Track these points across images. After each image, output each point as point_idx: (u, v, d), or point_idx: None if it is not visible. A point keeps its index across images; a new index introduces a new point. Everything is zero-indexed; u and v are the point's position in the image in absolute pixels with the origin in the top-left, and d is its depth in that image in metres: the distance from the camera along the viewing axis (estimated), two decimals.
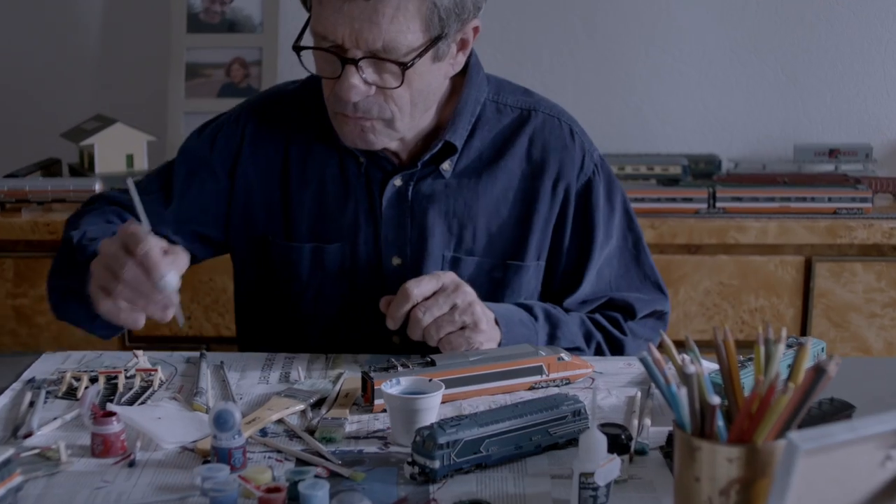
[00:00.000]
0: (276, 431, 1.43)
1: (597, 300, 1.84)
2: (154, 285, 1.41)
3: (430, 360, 1.53)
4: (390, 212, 1.75)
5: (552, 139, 1.79)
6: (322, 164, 1.77)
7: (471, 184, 1.76)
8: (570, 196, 1.79)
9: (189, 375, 1.65)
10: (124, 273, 1.41)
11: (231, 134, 1.81)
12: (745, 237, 2.60)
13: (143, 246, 1.40)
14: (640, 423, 1.44)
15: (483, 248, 1.77)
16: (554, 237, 1.80)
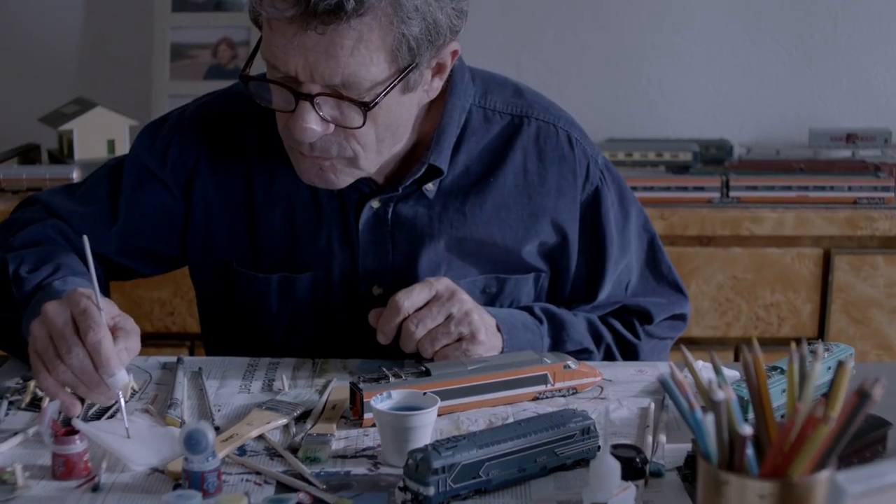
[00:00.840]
0: (255, 450, 1.32)
1: (608, 306, 1.73)
2: (101, 378, 1.29)
3: (425, 370, 1.42)
4: (368, 237, 1.60)
5: (548, 149, 1.63)
6: (290, 183, 1.59)
7: (457, 203, 1.61)
8: (574, 210, 1.65)
9: (164, 384, 1.55)
10: (71, 359, 1.28)
11: (185, 147, 1.64)
12: (761, 228, 2.51)
13: (95, 334, 1.28)
14: (655, 441, 1.33)
15: (478, 265, 1.63)
16: (559, 254, 1.67)
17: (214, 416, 1.42)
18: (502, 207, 1.61)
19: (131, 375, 1.48)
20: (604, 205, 1.66)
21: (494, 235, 1.61)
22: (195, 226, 1.65)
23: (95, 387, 1.29)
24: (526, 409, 1.44)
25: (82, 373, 1.28)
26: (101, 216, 1.65)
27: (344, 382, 1.51)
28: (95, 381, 1.29)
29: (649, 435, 1.35)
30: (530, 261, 1.64)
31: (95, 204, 1.66)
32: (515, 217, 1.62)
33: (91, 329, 1.28)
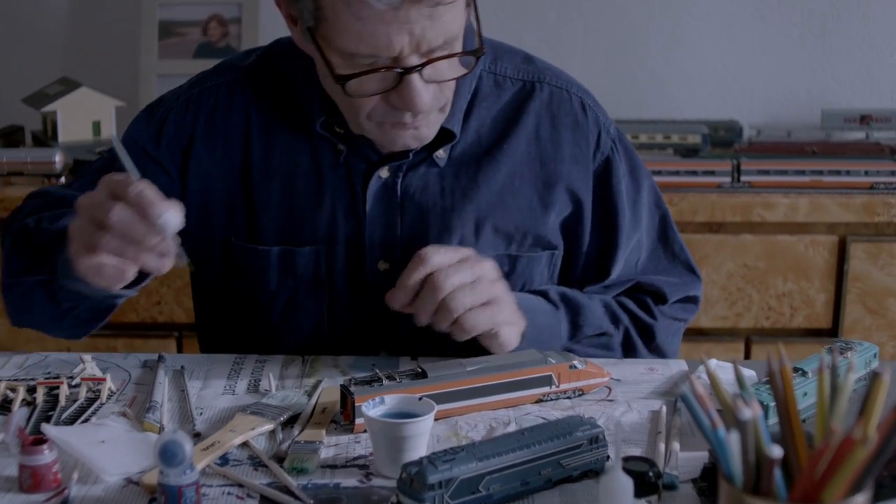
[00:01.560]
0: (238, 458, 1.24)
1: (622, 284, 1.66)
2: (151, 227, 1.23)
3: (421, 371, 1.34)
4: (376, 209, 1.54)
5: (561, 115, 1.59)
6: (290, 153, 1.55)
7: (470, 172, 1.56)
8: (587, 180, 1.60)
9: (144, 384, 1.47)
10: (111, 217, 1.23)
11: (180, 125, 1.58)
12: (773, 214, 2.43)
13: (134, 186, 1.24)
14: (668, 449, 1.25)
15: (488, 243, 1.56)
16: (571, 226, 1.61)
17: (196, 421, 1.34)
18: (515, 176, 1.56)
19: (104, 373, 1.40)
20: (615, 175, 1.60)
21: (508, 205, 1.56)
22: (192, 204, 1.57)
23: (145, 238, 1.24)
24: (529, 413, 1.36)
25: (128, 227, 1.23)
26: None
27: (335, 382, 1.44)
28: (143, 231, 1.24)
29: (661, 442, 1.27)
30: (544, 234, 1.58)
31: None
32: (529, 185, 1.57)
33: (128, 184, 1.24)
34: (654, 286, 1.66)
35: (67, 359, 1.54)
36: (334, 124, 1.52)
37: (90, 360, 1.50)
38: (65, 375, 1.46)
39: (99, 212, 1.25)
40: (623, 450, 1.26)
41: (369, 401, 1.23)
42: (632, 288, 1.66)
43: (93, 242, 1.25)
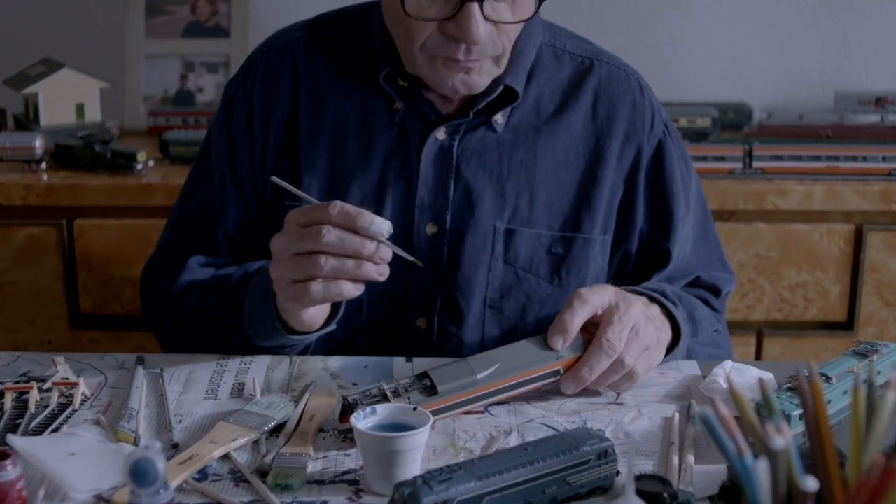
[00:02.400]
0: (218, 472, 1.16)
1: (683, 278, 1.62)
2: (363, 237, 1.25)
3: (430, 385, 1.25)
4: (430, 170, 1.53)
5: (620, 93, 1.59)
6: (339, 113, 1.56)
7: (528, 141, 1.55)
8: (640, 160, 1.58)
9: (120, 387, 1.39)
10: (323, 240, 1.24)
11: (241, 101, 1.60)
12: (787, 202, 2.35)
13: (332, 206, 1.25)
14: (682, 462, 1.17)
15: (542, 218, 1.55)
16: (624, 209, 1.59)
17: (174, 430, 1.26)
18: (570, 151, 1.56)
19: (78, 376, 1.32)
20: (668, 158, 1.60)
21: (562, 180, 1.56)
22: (254, 167, 1.59)
23: (362, 249, 1.25)
24: (532, 420, 1.29)
25: (343, 243, 1.24)
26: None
27: (323, 386, 1.37)
28: (357, 242, 1.25)
29: (675, 455, 1.19)
30: (596, 215, 1.56)
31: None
32: (582, 161, 1.56)
33: (323, 206, 1.25)
34: (711, 280, 1.64)
35: (40, 359, 1.47)
36: (398, 76, 1.51)
37: (63, 363, 1.42)
38: (35, 380, 1.38)
39: (305, 242, 1.25)
40: (634, 462, 1.18)
41: (359, 411, 1.15)
42: (689, 283, 1.63)
43: (309, 272, 1.25)
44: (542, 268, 1.56)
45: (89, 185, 2.31)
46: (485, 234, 1.53)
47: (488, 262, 1.54)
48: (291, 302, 1.31)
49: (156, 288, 1.63)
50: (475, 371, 1.27)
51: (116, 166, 2.36)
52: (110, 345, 2.38)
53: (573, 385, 1.33)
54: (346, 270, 1.25)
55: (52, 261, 2.34)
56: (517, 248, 1.54)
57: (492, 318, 1.54)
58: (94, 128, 2.63)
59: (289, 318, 1.37)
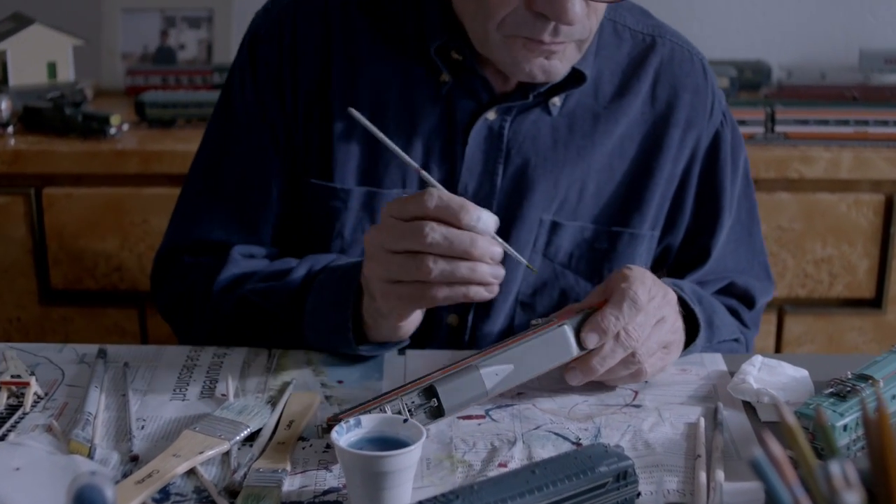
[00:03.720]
0: (182, 492, 1.04)
1: (715, 282, 1.51)
2: (473, 235, 1.12)
3: (438, 405, 1.12)
4: (477, 155, 1.41)
5: (682, 76, 1.46)
6: (378, 82, 1.41)
7: (585, 127, 1.43)
8: (698, 151, 1.47)
9: (78, 385, 1.26)
10: (428, 239, 1.11)
11: (269, 56, 1.43)
12: (812, 170, 2.24)
13: (430, 196, 1.12)
14: (710, 480, 1.04)
15: (588, 211, 1.45)
16: (674, 202, 1.48)
17: (134, 439, 1.13)
18: (626, 138, 1.45)
19: (31, 373, 1.19)
20: (723, 150, 1.49)
21: (614, 169, 1.45)
22: (289, 130, 1.45)
23: (472, 248, 1.13)
24: (539, 428, 1.16)
25: (450, 243, 1.12)
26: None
27: (305, 385, 1.25)
28: (467, 241, 1.12)
29: (702, 470, 1.06)
30: (647, 209, 1.46)
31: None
32: (637, 149, 1.45)
33: (421, 197, 1.13)
34: (746, 288, 1.52)
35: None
36: (452, 49, 1.38)
37: (14, 358, 1.29)
38: None
39: (406, 240, 1.13)
40: (654, 477, 1.05)
41: (342, 423, 1.02)
42: (723, 289, 1.52)
43: (414, 275, 1.14)
44: (583, 264, 1.45)
45: (59, 150, 2.20)
46: (529, 228, 1.42)
47: (527, 257, 1.42)
48: (397, 302, 1.18)
49: (184, 279, 1.46)
50: (485, 382, 1.14)
51: (88, 130, 2.24)
52: (83, 322, 2.27)
53: (581, 377, 1.20)
54: (459, 275, 1.13)
55: (19, 233, 2.22)
56: (559, 243, 1.44)
57: (521, 314, 1.41)
58: (67, 88, 2.50)
59: (381, 322, 1.23)
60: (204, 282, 1.42)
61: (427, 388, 1.11)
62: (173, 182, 2.14)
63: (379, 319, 1.23)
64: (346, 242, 1.43)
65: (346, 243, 1.43)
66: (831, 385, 1.12)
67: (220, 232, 1.45)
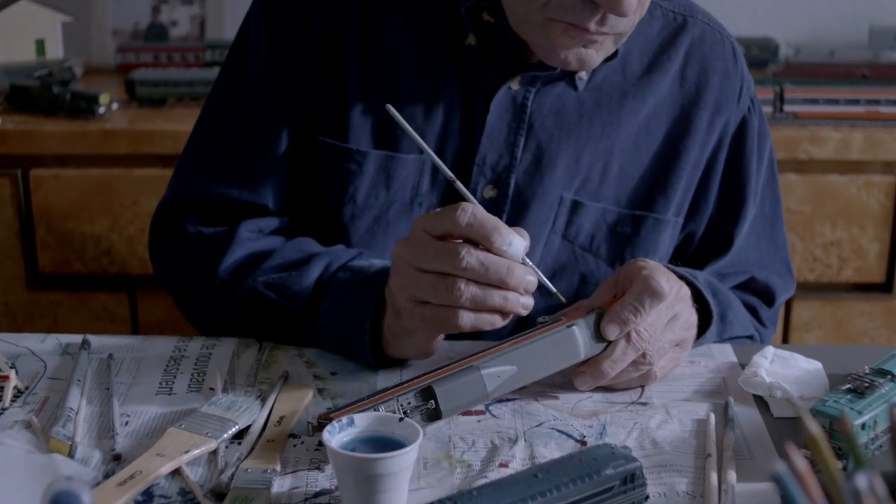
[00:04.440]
0: (166, 494, 1.00)
1: (736, 275, 1.46)
2: (509, 262, 1.09)
3: (435, 408, 1.07)
4: (498, 125, 1.36)
5: (713, 58, 1.43)
6: (398, 41, 1.36)
7: (612, 104, 1.39)
8: (725, 137, 1.44)
9: (61, 378, 1.22)
10: (462, 263, 1.07)
11: (285, 6, 1.37)
12: (822, 151, 2.20)
13: (464, 212, 1.08)
14: (722, 482, 1.00)
15: (611, 192, 1.41)
16: (699, 188, 1.45)
17: (117, 436, 1.09)
18: (653, 118, 1.41)
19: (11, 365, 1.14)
20: (749, 137, 1.45)
21: (640, 150, 1.41)
22: (302, 89, 1.39)
23: (508, 278, 1.09)
24: (541, 425, 1.11)
25: (486, 270, 1.08)
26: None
27: (297, 377, 1.21)
28: (503, 271, 1.09)
29: (713, 470, 1.02)
30: (672, 192, 1.42)
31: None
32: (664, 131, 1.42)
33: (454, 213, 1.09)
34: (767, 284, 1.48)
35: None
36: (484, 10, 1.33)
37: None
38: None
39: (439, 261, 1.09)
40: (662, 479, 1.01)
41: (334, 423, 0.97)
42: (743, 285, 1.47)
43: (445, 298, 1.09)
44: (604, 248, 1.41)
45: (46, 130, 2.15)
46: (548, 206, 1.38)
47: (545, 237, 1.38)
48: (421, 324, 1.13)
49: (185, 252, 1.40)
50: (487, 384, 1.09)
51: (77, 110, 2.19)
52: (72, 307, 2.23)
53: (591, 381, 1.15)
54: (490, 303, 1.09)
55: (6, 215, 2.18)
56: (580, 224, 1.40)
57: (539, 298, 1.36)
58: (55, 66, 2.45)
59: (405, 340, 1.19)
60: (207, 262, 1.36)
61: (425, 388, 1.07)
62: (164, 163, 2.09)
63: (403, 337, 1.18)
64: (359, 208, 1.38)
65: (357, 209, 1.38)
66: (848, 381, 1.08)
67: (224, 188, 1.39)
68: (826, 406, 1.03)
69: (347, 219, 1.39)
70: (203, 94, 2.16)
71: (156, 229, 1.46)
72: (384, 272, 1.21)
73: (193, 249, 1.39)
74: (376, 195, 1.38)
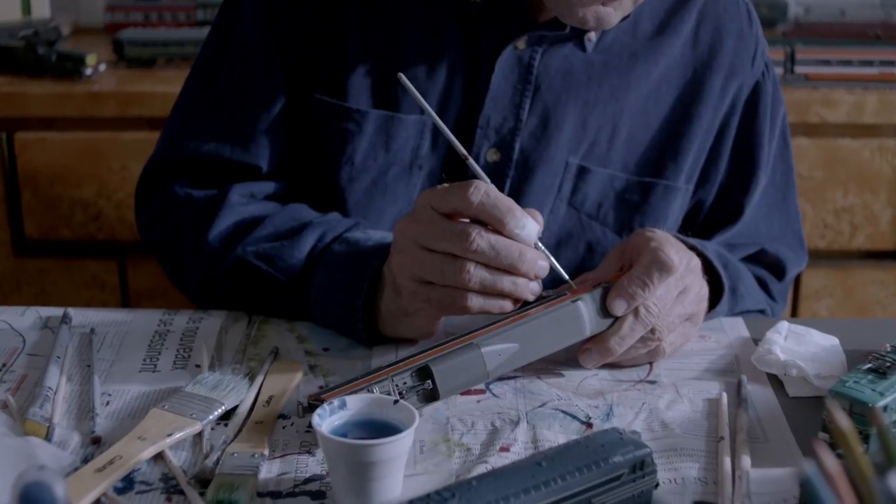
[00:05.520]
0: (148, 480, 0.95)
1: (746, 246, 1.41)
2: (521, 246, 1.05)
3: (433, 388, 1.02)
4: (503, 86, 1.31)
5: (727, 20, 1.37)
6: (398, 2, 1.31)
7: (622, 66, 1.33)
8: (738, 101, 1.39)
9: (40, 354, 1.17)
10: (472, 245, 1.03)
11: None
12: (834, 114, 2.15)
13: (476, 190, 1.04)
14: (736, 468, 0.95)
15: (619, 158, 1.36)
16: (710, 155, 1.40)
17: (97, 417, 1.04)
18: (664, 81, 1.36)
19: None
20: (763, 102, 1.40)
21: (649, 114, 1.37)
22: (298, 45, 1.34)
23: (519, 264, 1.05)
24: (544, 405, 1.06)
25: (497, 254, 1.04)
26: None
27: (287, 353, 1.16)
28: (517, 254, 1.05)
29: (726, 455, 0.97)
30: (683, 158, 1.37)
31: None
32: (674, 95, 1.37)
33: (465, 190, 1.04)
34: (777, 256, 1.43)
35: None
36: None
37: None
38: None
39: (447, 241, 1.04)
40: (674, 465, 0.96)
41: (325, 405, 0.92)
42: (753, 256, 1.42)
43: (452, 279, 1.05)
44: (611, 216, 1.36)
45: (32, 92, 2.11)
46: (553, 171, 1.33)
47: (551, 204, 1.34)
48: (424, 305, 1.09)
49: (172, 214, 1.35)
50: (487, 363, 1.04)
51: (62, 71, 2.14)
52: (60, 275, 2.18)
53: (597, 358, 1.10)
54: (499, 287, 1.05)
55: None
56: (586, 190, 1.35)
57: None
58: (41, 26, 2.38)
59: (403, 321, 1.14)
60: (195, 227, 1.31)
61: (421, 367, 1.02)
62: (153, 126, 2.04)
63: (402, 318, 1.14)
64: (356, 170, 1.33)
65: (355, 171, 1.33)
66: (869, 360, 1.02)
67: (214, 146, 1.34)
68: (846, 387, 0.98)
69: (344, 181, 1.34)
70: (194, 54, 2.09)
71: (142, 189, 1.41)
72: (382, 246, 1.16)
73: (181, 212, 1.34)
74: (375, 157, 1.33)
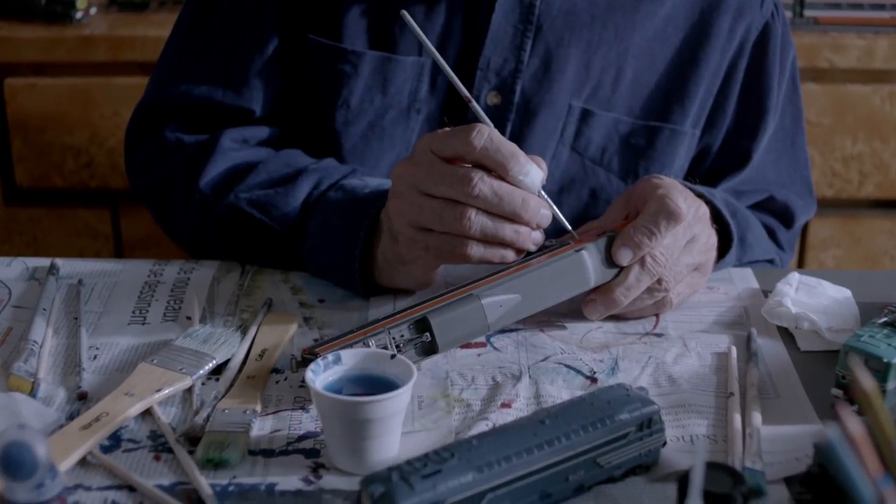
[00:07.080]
0: (135, 438, 0.92)
1: (753, 193, 1.37)
2: (523, 192, 1.01)
3: (431, 341, 0.98)
4: (503, 26, 1.27)
5: None
6: None
7: (626, 6, 1.29)
8: (746, 44, 1.34)
9: (26, 307, 1.13)
10: (474, 190, 0.99)
11: None
12: (844, 59, 2.09)
13: (479, 134, 1.00)
14: (746, 429, 0.91)
15: (624, 101, 1.32)
16: (717, 99, 1.36)
17: (84, 373, 1.00)
18: (670, 22, 1.32)
19: None
20: (772, 45, 1.35)
21: (655, 56, 1.32)
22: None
23: (521, 211, 1.01)
24: (547, 359, 1.03)
25: (500, 201, 1.00)
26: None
27: (282, 304, 1.12)
28: (520, 201, 1.01)
29: (736, 412, 0.94)
30: (690, 102, 1.33)
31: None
32: (681, 36, 1.33)
33: (467, 134, 1.01)
34: (786, 203, 1.39)
35: None
36: None
37: None
38: None
39: (447, 185, 1.01)
40: (682, 422, 0.93)
41: (319, 360, 0.89)
42: (758, 204, 1.38)
43: (451, 226, 1.01)
44: (616, 161, 1.32)
45: (21, 37, 2.04)
46: (556, 115, 1.29)
47: (553, 149, 1.30)
48: (422, 253, 1.05)
49: (163, 159, 1.31)
50: (487, 314, 1.00)
51: (52, 14, 2.08)
52: (52, 223, 2.14)
53: (602, 309, 1.07)
54: (501, 236, 1.02)
55: None
56: (590, 134, 1.31)
57: None
58: None
59: (399, 269, 1.10)
60: (186, 173, 1.27)
61: (419, 319, 0.98)
62: (146, 71, 1.97)
63: (398, 266, 1.10)
64: (352, 113, 1.30)
65: (351, 114, 1.30)
66: (884, 313, 0.99)
67: (206, 89, 1.30)
68: (861, 342, 0.94)
69: (340, 125, 1.30)
70: None
71: (132, 135, 1.37)
72: (380, 193, 1.12)
73: (172, 158, 1.30)
74: (371, 99, 1.30)
